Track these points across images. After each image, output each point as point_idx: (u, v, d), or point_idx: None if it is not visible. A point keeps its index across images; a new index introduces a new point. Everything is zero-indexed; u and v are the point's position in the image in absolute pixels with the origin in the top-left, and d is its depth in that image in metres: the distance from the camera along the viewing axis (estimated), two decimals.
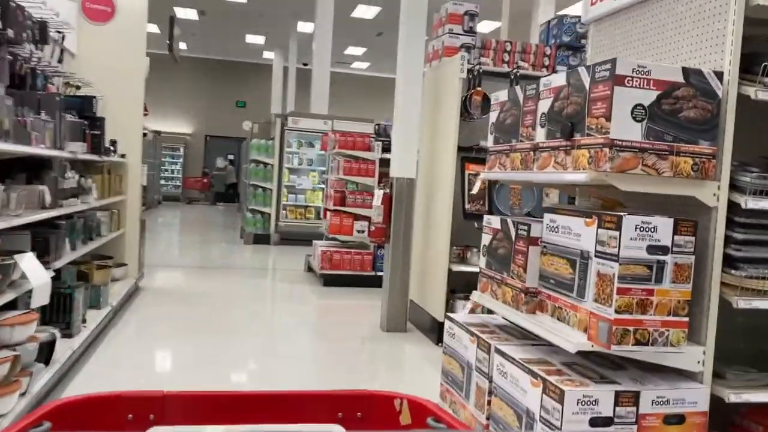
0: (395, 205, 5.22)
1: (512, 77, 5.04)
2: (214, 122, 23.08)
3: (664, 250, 1.98)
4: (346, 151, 7.60)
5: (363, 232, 7.55)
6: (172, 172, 22.83)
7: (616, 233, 1.96)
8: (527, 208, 4.96)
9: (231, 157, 22.68)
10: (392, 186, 5.26)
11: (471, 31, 5.31)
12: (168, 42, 11.12)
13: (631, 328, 1.97)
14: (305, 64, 21.41)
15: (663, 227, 1.97)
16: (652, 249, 1.96)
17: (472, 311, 3.03)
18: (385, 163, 7.58)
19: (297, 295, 7.07)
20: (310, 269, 8.36)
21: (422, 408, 1.09)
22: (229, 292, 6.85)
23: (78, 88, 4.91)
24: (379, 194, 5.24)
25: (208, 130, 23.21)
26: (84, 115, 4.51)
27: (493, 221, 2.79)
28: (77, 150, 3.90)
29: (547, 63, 5.36)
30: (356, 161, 7.52)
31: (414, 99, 5.23)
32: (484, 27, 15.69)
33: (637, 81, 1.98)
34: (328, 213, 7.72)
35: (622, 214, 1.97)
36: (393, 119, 5.39)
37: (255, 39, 19.80)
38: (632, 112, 1.98)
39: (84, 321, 4.16)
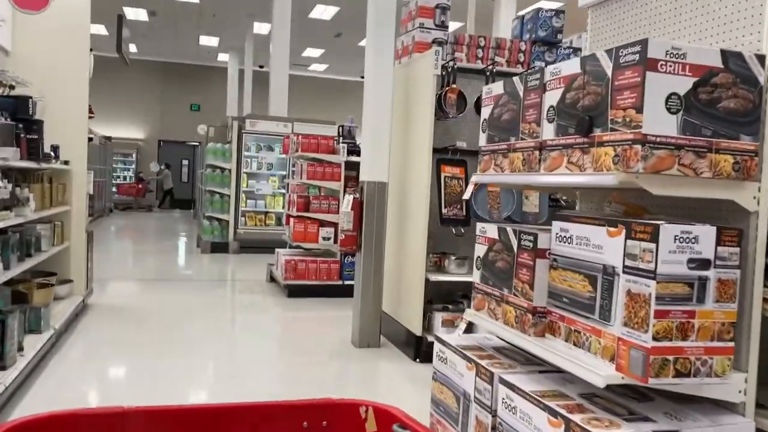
0: (366, 211, 4.88)
1: (488, 73, 4.75)
2: (168, 127, 22.33)
3: (706, 264, 1.68)
4: (309, 154, 7.21)
5: (329, 239, 7.18)
6: (125, 178, 21.98)
7: (652, 245, 1.66)
8: (506, 212, 4.68)
9: (168, 162, 21.93)
10: (362, 190, 4.91)
11: (443, 26, 5.00)
12: (117, 42, 10.52)
13: (670, 357, 1.66)
14: (261, 67, 20.92)
15: (705, 237, 1.68)
16: (693, 263, 1.67)
17: (468, 330, 2.70)
18: (350, 166, 7.24)
19: (260, 307, 6.65)
20: (272, 279, 7.94)
21: (388, 415, 1.07)
22: (186, 306, 6.39)
23: (12, 87, 4.41)
24: (348, 200, 4.88)
25: (161, 134, 22.43)
26: (18, 117, 4.03)
27: (488, 229, 2.47)
28: (8, 156, 3.43)
29: (522, 59, 5.10)
30: (320, 164, 7.14)
31: (384, 98, 4.89)
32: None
33: (671, 66, 1.68)
34: (291, 219, 7.32)
35: (658, 222, 1.67)
36: (362, 120, 5.04)
37: (209, 41, 19.19)
38: (666, 103, 1.68)
39: (21, 349, 3.68)
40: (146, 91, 22.21)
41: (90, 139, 5.67)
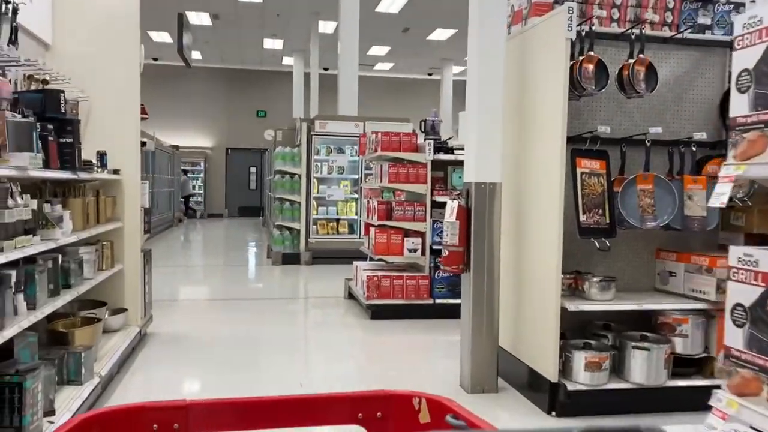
0: (475, 220, 3.86)
1: (634, 37, 3.65)
2: (235, 134, 21.97)
3: None
4: (390, 153, 6.25)
5: (415, 251, 6.19)
6: (193, 187, 21.75)
7: None
8: (665, 218, 3.56)
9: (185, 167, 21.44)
10: (468, 195, 3.90)
11: None
12: (178, 43, 9.92)
13: None
14: (326, 69, 20.23)
15: None
16: None
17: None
18: (437, 166, 6.24)
19: (342, 334, 5.72)
20: (351, 296, 7.03)
21: (441, 406, 1.08)
22: (259, 333, 5.54)
23: (45, 82, 3.65)
24: (452, 207, 3.87)
25: (228, 142, 22.10)
26: (47, 117, 3.24)
27: (760, 260, 1.41)
28: (24, 164, 2.61)
29: (669, 20, 3.97)
30: (403, 165, 6.17)
31: (495, 76, 3.86)
32: None
33: None
34: (372, 229, 6.37)
35: None
36: (466, 106, 4.03)
37: (273, 44, 18.62)
38: None
39: (51, 413, 2.87)
40: (212, 98, 21.93)
41: (143, 144, 4.88)
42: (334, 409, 1.14)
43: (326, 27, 16.51)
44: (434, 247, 6.13)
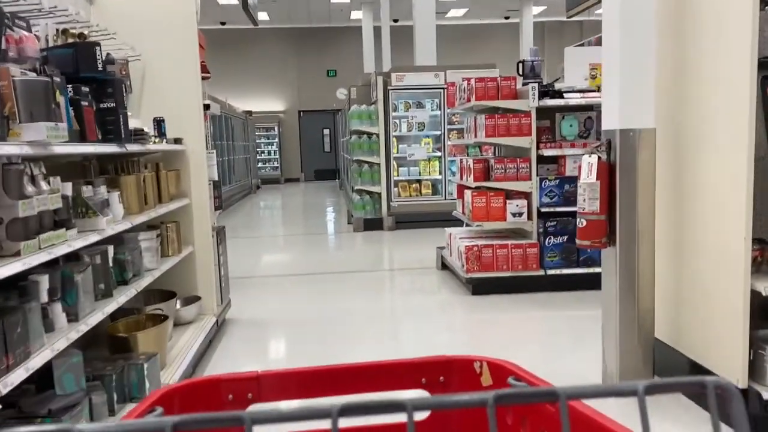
0: (621, 179, 2.99)
1: None
2: (306, 96, 21.42)
3: None
4: (487, 102, 5.36)
5: (520, 214, 5.34)
6: (269, 153, 21.47)
7: None
8: None
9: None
10: (611, 147, 3.02)
11: None
12: (243, 6, 9.25)
13: None
14: (396, 21, 19.19)
15: None
16: None
17: None
18: (542, 114, 5.32)
19: (442, 313, 5.00)
20: (444, 266, 6.29)
21: (502, 369, 1.10)
22: (348, 313, 4.90)
23: (82, 37, 3.01)
24: (590, 163, 3.01)
25: (300, 105, 21.58)
26: (82, 77, 2.60)
27: None
28: (41, 137, 1.96)
29: None
30: (503, 115, 5.28)
31: None
32: None
33: None
34: (467, 192, 5.56)
35: None
36: (603, 27, 3.11)
37: None
38: None
39: None
40: (281, 60, 21.39)
41: (206, 107, 4.24)
42: (398, 374, 1.15)
43: None
44: (542, 209, 5.27)
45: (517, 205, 5.36)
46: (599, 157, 2.99)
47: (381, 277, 6.55)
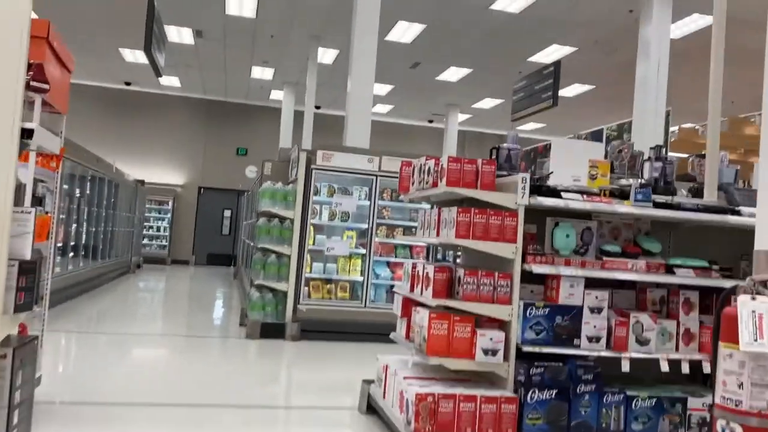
0: None
1: None
2: (210, 172, 19.50)
3: None
4: (461, 190, 3.87)
5: (494, 353, 3.76)
6: (158, 229, 19.09)
7: None
8: None
9: None
10: None
11: None
12: (146, 39, 7.59)
13: None
14: (318, 107, 18.03)
15: None
16: None
17: None
18: (528, 218, 3.88)
19: None
20: (371, 409, 4.53)
21: None
22: None
23: None
24: (758, 313, 1.49)
25: (202, 180, 19.59)
26: None
27: None
28: None
29: None
30: (481, 211, 3.80)
31: None
32: None
33: None
34: (421, 312, 3.95)
35: None
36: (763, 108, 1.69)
37: (262, 73, 16.45)
38: None
39: None
40: (186, 131, 19.53)
41: (27, 134, 2.45)
42: None
43: (326, 56, 14.41)
44: (525, 348, 3.72)
45: (491, 339, 3.78)
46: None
47: (273, 420, 4.65)
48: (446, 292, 3.90)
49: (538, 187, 3.90)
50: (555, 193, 3.90)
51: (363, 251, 8.00)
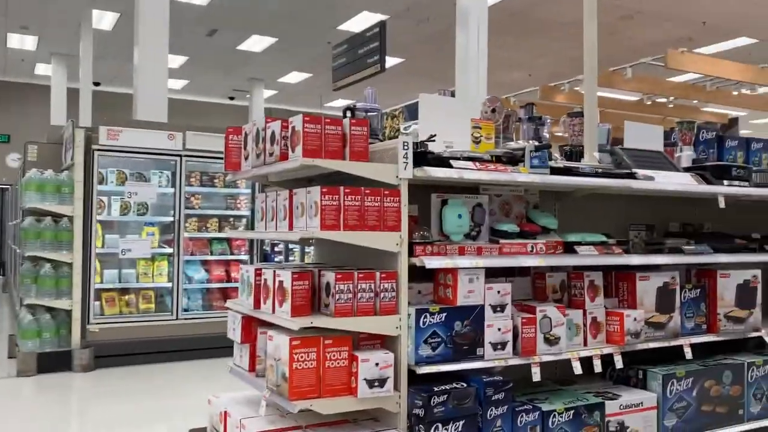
0: None
1: None
2: None
3: None
4: (325, 162, 2.74)
5: (382, 383, 2.73)
6: None
7: None
8: None
9: None
10: None
11: None
12: None
13: None
14: (97, 84, 15.45)
15: None
16: None
17: None
18: (409, 195, 2.89)
19: None
20: None
21: None
22: None
23: None
24: None
25: None
26: None
27: None
28: None
29: None
30: (353, 190, 2.72)
31: None
32: None
33: None
34: (278, 338, 2.78)
35: None
36: None
37: (22, 42, 13.63)
38: None
39: None
40: None
41: None
42: None
43: (103, 21, 12.20)
44: (419, 368, 2.76)
45: (376, 365, 2.74)
46: None
47: None
48: (310, 306, 2.78)
49: (423, 155, 2.92)
50: (444, 161, 2.95)
51: (169, 250, 6.54)
